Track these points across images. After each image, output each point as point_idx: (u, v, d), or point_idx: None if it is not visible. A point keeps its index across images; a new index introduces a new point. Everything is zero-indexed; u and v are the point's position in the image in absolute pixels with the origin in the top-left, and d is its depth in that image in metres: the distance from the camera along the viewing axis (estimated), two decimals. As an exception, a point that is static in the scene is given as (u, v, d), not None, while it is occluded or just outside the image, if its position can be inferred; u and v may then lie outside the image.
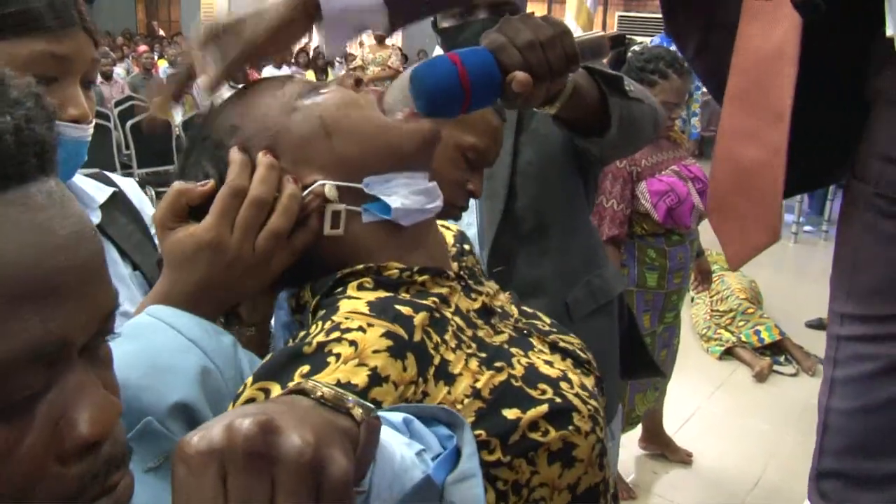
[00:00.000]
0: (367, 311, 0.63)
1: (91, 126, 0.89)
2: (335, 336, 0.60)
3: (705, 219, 2.48)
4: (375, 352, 0.59)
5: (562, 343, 0.77)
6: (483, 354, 0.67)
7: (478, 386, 0.63)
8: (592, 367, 0.77)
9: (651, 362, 1.68)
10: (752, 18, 0.91)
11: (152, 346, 0.62)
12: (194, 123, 0.78)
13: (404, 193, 0.71)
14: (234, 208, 0.68)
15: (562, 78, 0.81)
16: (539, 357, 0.71)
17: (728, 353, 3.88)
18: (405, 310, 0.64)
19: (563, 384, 0.67)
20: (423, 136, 0.73)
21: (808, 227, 6.06)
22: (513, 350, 0.70)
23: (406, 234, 0.72)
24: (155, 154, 6.04)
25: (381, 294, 0.67)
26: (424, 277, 0.70)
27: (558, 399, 0.65)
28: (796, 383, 3.64)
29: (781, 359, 3.81)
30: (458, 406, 0.61)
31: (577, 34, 0.80)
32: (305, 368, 0.58)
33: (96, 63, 0.90)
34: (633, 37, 6.86)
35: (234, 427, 0.37)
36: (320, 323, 0.63)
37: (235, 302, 0.73)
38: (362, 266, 0.69)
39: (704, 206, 2.45)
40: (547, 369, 0.68)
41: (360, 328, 0.61)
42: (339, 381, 0.56)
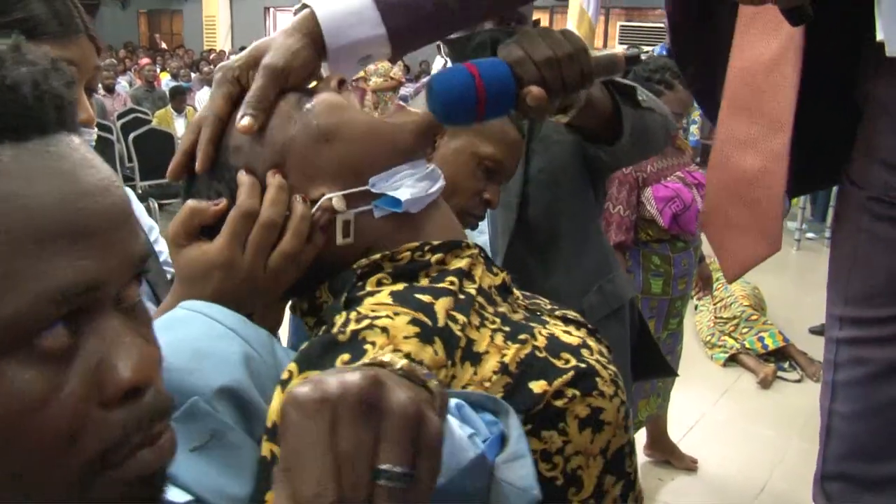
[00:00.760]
0: (390, 301, 0.65)
1: (94, 132, 0.89)
2: (366, 324, 0.61)
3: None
4: (406, 338, 0.61)
5: (570, 315, 0.78)
6: (507, 329, 0.68)
7: (505, 361, 0.64)
8: (601, 337, 0.77)
9: (663, 362, 1.69)
10: (749, 26, 0.91)
11: (192, 335, 0.62)
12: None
13: (410, 183, 0.72)
14: (245, 230, 0.70)
15: (575, 93, 0.82)
16: (556, 328, 0.71)
17: (732, 360, 3.87)
18: (425, 298, 0.65)
19: (584, 351, 0.68)
20: (418, 126, 0.74)
21: (810, 234, 6.06)
22: (532, 324, 0.70)
23: (416, 217, 0.74)
24: (157, 167, 6.04)
25: (401, 286, 0.68)
26: (439, 255, 0.71)
27: (582, 364, 0.66)
28: (801, 389, 3.64)
29: (786, 365, 3.80)
30: (487, 384, 0.62)
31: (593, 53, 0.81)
32: (346, 356, 0.59)
33: (99, 70, 0.91)
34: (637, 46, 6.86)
35: (348, 379, 0.41)
36: (345, 314, 0.64)
37: (246, 314, 0.74)
38: (378, 255, 0.71)
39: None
40: (567, 338, 0.69)
41: (388, 316, 0.62)
42: None
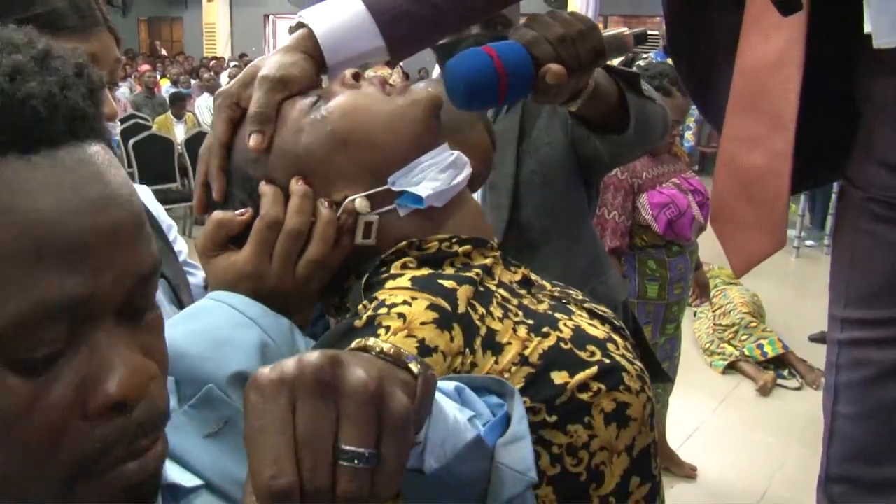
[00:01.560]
0: (409, 285, 0.65)
1: (117, 125, 0.89)
2: (383, 311, 0.62)
3: (704, 231, 2.49)
4: (423, 324, 0.61)
5: (598, 310, 0.77)
6: (530, 321, 0.67)
7: (526, 353, 0.63)
8: (628, 334, 0.77)
9: (658, 367, 1.68)
10: (754, 26, 0.91)
11: (212, 323, 0.64)
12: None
13: (432, 176, 0.71)
14: (271, 240, 0.70)
15: (589, 72, 0.83)
16: (582, 320, 0.71)
17: (731, 368, 3.86)
18: (448, 284, 0.65)
19: (610, 345, 0.67)
20: (424, 106, 0.73)
21: (809, 242, 6.06)
22: (557, 315, 0.70)
23: (443, 211, 0.73)
24: (157, 172, 6.05)
25: (425, 271, 0.68)
26: (467, 248, 0.71)
27: (607, 360, 0.65)
28: (800, 397, 3.63)
29: (785, 373, 3.79)
30: (506, 375, 0.62)
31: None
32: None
33: (119, 63, 0.90)
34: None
35: (304, 360, 0.41)
36: (367, 302, 0.65)
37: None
38: (405, 242, 0.71)
39: (704, 218, 2.46)
40: (593, 331, 0.69)
41: (406, 302, 0.62)
42: None
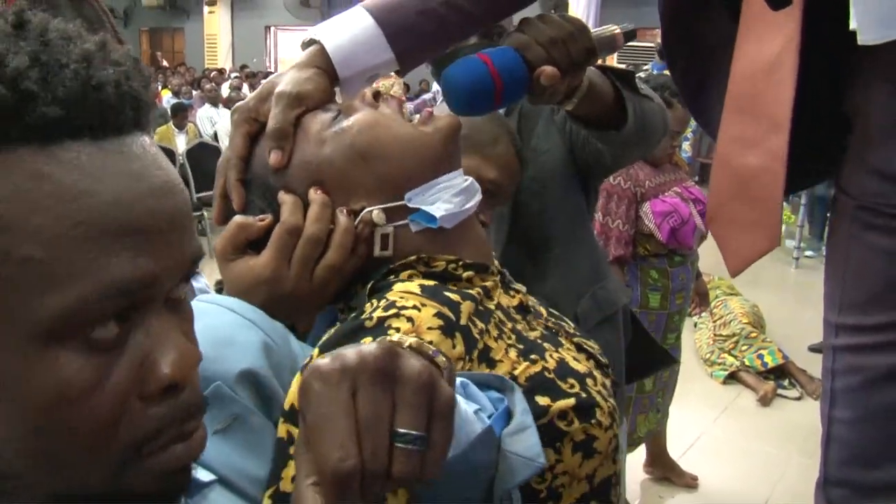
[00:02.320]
0: (419, 292, 0.67)
1: None
2: (393, 312, 0.64)
3: (705, 241, 2.50)
4: (429, 328, 0.63)
5: (585, 345, 0.80)
6: (521, 346, 0.70)
7: (515, 373, 0.66)
8: (609, 370, 0.80)
9: (663, 351, 1.70)
10: (751, 28, 0.92)
11: (213, 325, 0.65)
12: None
13: (446, 198, 0.74)
14: (290, 246, 0.72)
15: (582, 71, 0.84)
16: (568, 353, 0.74)
17: (732, 378, 3.86)
18: (453, 296, 0.68)
19: (589, 380, 0.70)
20: (444, 134, 0.75)
21: (809, 252, 6.06)
22: (545, 345, 0.73)
23: (451, 233, 0.75)
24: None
25: (432, 282, 0.70)
26: (469, 273, 0.74)
27: (584, 394, 0.68)
28: (801, 407, 3.62)
29: (785, 382, 3.79)
30: None
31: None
32: (368, 340, 0.60)
33: None
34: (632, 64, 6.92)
35: (365, 350, 0.45)
36: (375, 301, 0.67)
37: (291, 323, 0.76)
38: (414, 257, 0.73)
39: (705, 226, 2.47)
40: (576, 365, 0.72)
41: (415, 307, 0.64)
42: None
